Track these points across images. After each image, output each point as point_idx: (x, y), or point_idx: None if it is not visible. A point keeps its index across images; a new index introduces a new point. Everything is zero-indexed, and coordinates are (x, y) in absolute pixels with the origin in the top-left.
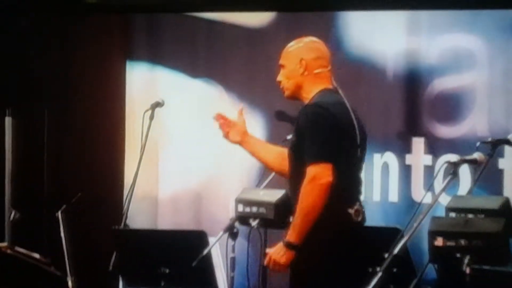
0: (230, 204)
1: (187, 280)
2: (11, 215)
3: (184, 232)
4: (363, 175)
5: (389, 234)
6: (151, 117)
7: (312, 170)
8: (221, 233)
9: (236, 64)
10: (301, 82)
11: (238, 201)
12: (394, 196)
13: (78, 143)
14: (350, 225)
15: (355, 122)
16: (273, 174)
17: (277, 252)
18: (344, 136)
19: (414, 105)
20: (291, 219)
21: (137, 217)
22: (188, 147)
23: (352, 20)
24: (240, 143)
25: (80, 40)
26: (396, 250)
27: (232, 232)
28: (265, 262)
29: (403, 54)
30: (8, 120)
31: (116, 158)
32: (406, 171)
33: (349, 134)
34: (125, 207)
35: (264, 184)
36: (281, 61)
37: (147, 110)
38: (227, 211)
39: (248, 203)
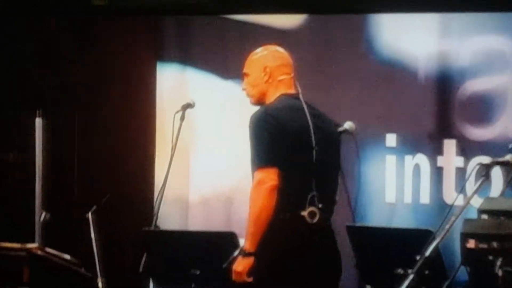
0: None
1: (217, 282)
2: (42, 216)
3: (214, 234)
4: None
5: (421, 236)
6: (182, 118)
7: (257, 175)
8: None
9: None
10: (266, 89)
11: None
12: (425, 198)
13: (109, 144)
14: (304, 228)
15: (311, 125)
16: None
17: (237, 263)
18: (293, 140)
19: (446, 107)
20: None
21: (168, 218)
22: (219, 148)
23: (383, 22)
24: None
25: (111, 42)
26: (428, 252)
27: None
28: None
29: (434, 56)
30: (38, 122)
31: (146, 159)
32: (437, 173)
33: (300, 138)
34: (156, 208)
35: None
36: (245, 70)
37: (177, 112)
38: None
39: None
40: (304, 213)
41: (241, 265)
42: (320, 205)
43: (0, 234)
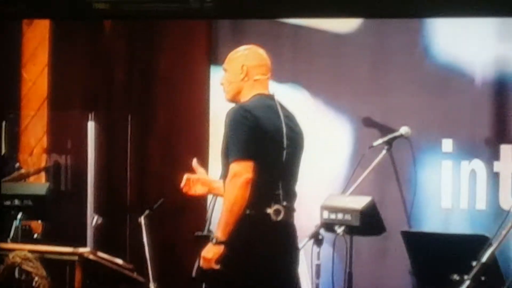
0: (315, 210)
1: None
2: (94, 220)
3: None
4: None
5: (477, 242)
6: None
7: (233, 168)
8: (306, 240)
9: (323, 70)
10: (241, 87)
11: (324, 207)
12: (482, 203)
13: (162, 148)
14: (269, 225)
15: (283, 126)
16: (359, 180)
17: (207, 249)
18: (266, 138)
19: (503, 112)
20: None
21: None
22: None
23: (440, 26)
24: (207, 192)
25: (164, 45)
26: (484, 258)
27: (317, 239)
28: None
29: (491, 61)
30: (91, 125)
31: (200, 163)
32: (494, 178)
33: (273, 137)
34: (209, 213)
35: (350, 190)
36: (224, 66)
37: None
38: (312, 218)
39: (334, 209)
40: (270, 211)
41: (211, 252)
42: (284, 203)
43: (53, 238)
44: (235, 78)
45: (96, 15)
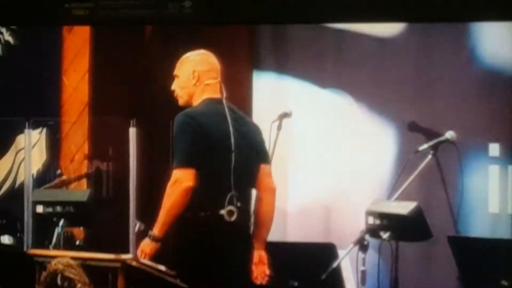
0: (360, 216)
1: None
2: (136, 226)
3: (313, 245)
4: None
5: None
6: (279, 128)
7: (175, 174)
8: (351, 245)
9: (366, 74)
10: (193, 92)
11: (369, 213)
12: None
13: None
14: (223, 225)
15: (231, 129)
16: (405, 185)
17: (144, 243)
18: (212, 143)
19: None
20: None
21: None
22: (317, 158)
23: (486, 30)
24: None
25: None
26: None
27: (362, 245)
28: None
29: None
30: (132, 131)
31: None
32: None
33: (219, 140)
34: (252, 219)
35: (395, 195)
36: (175, 72)
37: (274, 121)
38: (357, 223)
39: (379, 215)
40: (223, 212)
41: (148, 247)
42: (238, 204)
43: (95, 244)
44: (186, 83)
45: (75, 21)
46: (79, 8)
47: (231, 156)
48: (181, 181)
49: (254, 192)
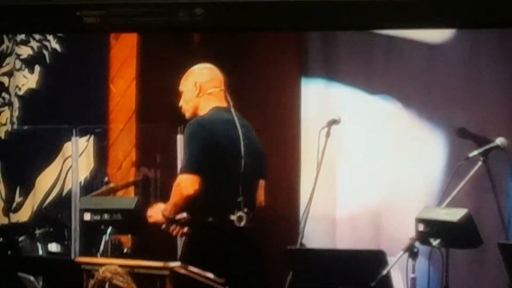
0: (410, 223)
1: None
2: None
3: (362, 252)
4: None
5: None
6: (327, 135)
7: (180, 178)
8: (401, 252)
9: (415, 80)
10: (197, 103)
11: (419, 220)
12: None
13: None
14: (233, 231)
15: (240, 136)
16: (455, 192)
17: (156, 212)
18: (223, 150)
19: None
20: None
21: (314, 236)
22: (366, 165)
23: None
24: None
25: (255, 57)
26: None
27: (412, 252)
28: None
29: None
30: (180, 138)
31: (291, 176)
32: None
33: (230, 147)
34: (301, 226)
35: (446, 202)
36: (180, 88)
37: (323, 128)
38: (407, 230)
39: (429, 222)
40: (233, 217)
41: (158, 217)
42: (245, 210)
43: (143, 252)
44: (190, 96)
45: (86, 29)
46: (91, 16)
47: (241, 162)
48: (185, 186)
49: None
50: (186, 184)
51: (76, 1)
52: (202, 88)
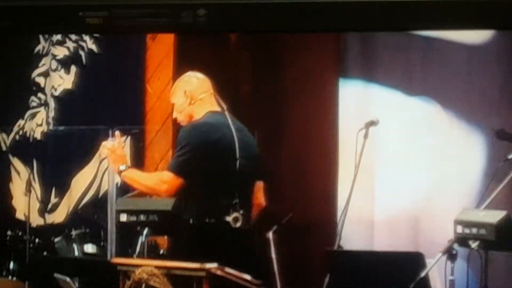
0: (449, 225)
1: None
2: None
3: (400, 254)
4: None
5: None
6: (365, 136)
7: (166, 175)
8: (439, 255)
9: (455, 82)
10: (191, 111)
11: (457, 222)
12: None
13: (289, 162)
14: (229, 232)
15: (235, 138)
16: (494, 194)
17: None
18: (218, 152)
19: None
20: None
21: (352, 238)
22: (404, 166)
23: None
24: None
25: (291, 57)
26: None
27: (451, 254)
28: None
29: None
30: None
31: (328, 177)
32: None
33: (225, 149)
34: (339, 228)
35: (485, 204)
36: (171, 100)
37: (361, 129)
38: (446, 233)
39: (468, 224)
40: (229, 219)
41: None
42: (241, 211)
43: (179, 254)
44: (183, 105)
45: (89, 30)
46: (93, 17)
47: (236, 164)
48: (168, 183)
49: None
50: (171, 185)
51: (78, 2)
52: (193, 96)
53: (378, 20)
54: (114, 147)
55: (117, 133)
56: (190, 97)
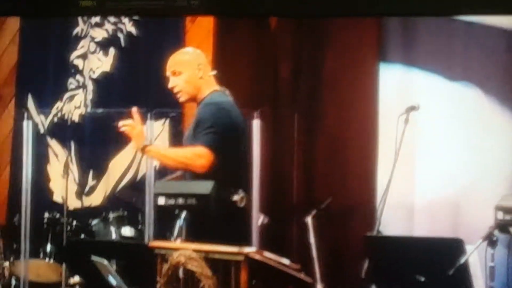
0: (489, 211)
1: None
2: (260, 220)
3: (440, 240)
4: None
5: None
6: (406, 121)
7: (202, 150)
8: (479, 241)
9: (496, 68)
10: (199, 85)
11: (498, 208)
12: None
13: (329, 147)
14: (236, 211)
15: (242, 119)
16: None
17: (141, 137)
18: (236, 132)
19: None
20: None
21: (391, 223)
22: (445, 152)
23: None
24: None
25: (332, 42)
26: None
27: (491, 240)
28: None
29: None
30: (256, 123)
31: (368, 162)
32: None
33: (238, 130)
34: (378, 213)
35: None
36: (174, 69)
37: (401, 114)
38: (486, 219)
39: (509, 210)
40: (237, 198)
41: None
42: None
43: (218, 237)
44: (193, 77)
45: (82, 12)
46: None
47: (243, 144)
48: (204, 161)
49: None
50: (206, 159)
51: None
52: (205, 71)
53: (420, 5)
54: (133, 124)
55: (134, 109)
56: (203, 71)
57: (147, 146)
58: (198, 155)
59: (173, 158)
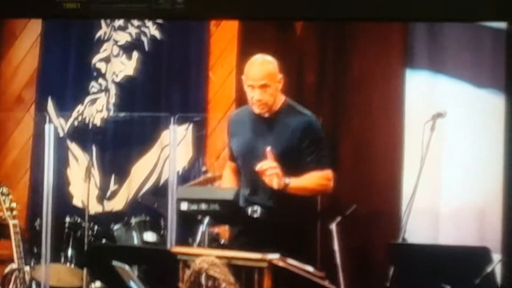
0: None
1: None
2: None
3: (466, 248)
4: None
5: None
6: (432, 128)
7: (327, 172)
8: None
9: None
10: (277, 97)
11: None
12: None
13: (354, 152)
14: (291, 222)
15: None
16: None
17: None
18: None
19: None
20: None
21: (416, 231)
22: (471, 159)
23: None
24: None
25: (357, 46)
26: None
27: None
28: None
29: None
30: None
31: (394, 169)
32: None
33: None
34: (403, 220)
35: None
36: (266, 81)
37: (428, 121)
38: None
39: None
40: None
41: (277, 179)
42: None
43: (241, 243)
44: (276, 90)
45: (66, 15)
46: (71, 1)
47: None
48: (330, 181)
49: None
50: (333, 180)
51: None
52: (280, 83)
53: (447, 10)
54: (273, 165)
55: (268, 149)
56: (282, 83)
57: (289, 184)
58: (327, 179)
59: (311, 188)
